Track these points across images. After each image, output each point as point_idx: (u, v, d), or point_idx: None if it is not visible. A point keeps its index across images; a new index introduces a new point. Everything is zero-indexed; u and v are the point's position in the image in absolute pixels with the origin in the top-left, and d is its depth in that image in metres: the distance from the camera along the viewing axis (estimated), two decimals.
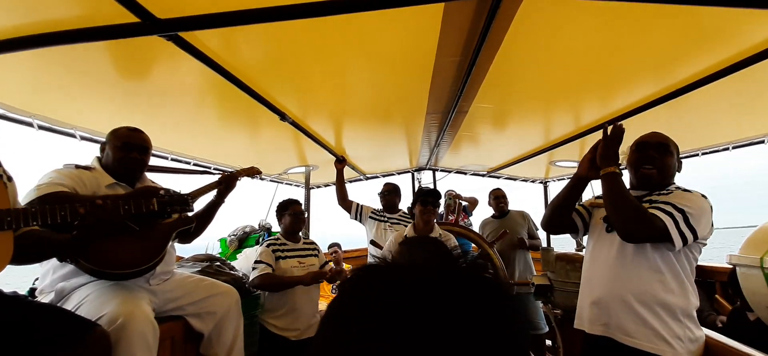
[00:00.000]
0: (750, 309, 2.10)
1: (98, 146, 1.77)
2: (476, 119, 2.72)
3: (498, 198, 3.75)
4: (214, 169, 3.22)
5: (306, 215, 2.75)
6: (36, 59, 1.53)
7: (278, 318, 2.33)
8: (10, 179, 1.21)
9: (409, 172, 5.00)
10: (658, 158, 1.45)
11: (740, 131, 2.70)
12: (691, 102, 2.00)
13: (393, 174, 4.99)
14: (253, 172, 2.21)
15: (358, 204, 3.25)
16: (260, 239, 3.27)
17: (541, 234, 3.77)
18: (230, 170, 2.14)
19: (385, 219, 3.16)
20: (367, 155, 4.03)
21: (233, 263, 2.85)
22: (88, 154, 1.79)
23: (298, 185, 4.69)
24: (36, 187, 1.36)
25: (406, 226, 3.06)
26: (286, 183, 4.50)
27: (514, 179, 5.08)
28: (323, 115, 2.66)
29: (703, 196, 1.35)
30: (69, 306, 1.39)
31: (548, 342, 3.45)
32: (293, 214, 2.51)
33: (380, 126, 3.02)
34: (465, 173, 5.02)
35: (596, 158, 1.48)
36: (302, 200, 3.91)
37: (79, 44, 1.38)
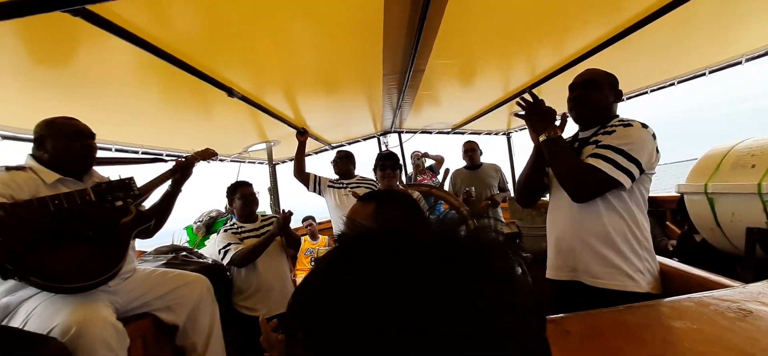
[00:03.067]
0: (696, 232, 2.27)
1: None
2: (435, 76, 2.69)
3: (468, 151, 3.79)
4: (167, 156, 3.05)
5: (259, 194, 2.66)
6: None
7: (247, 298, 2.31)
8: None
9: (374, 137, 4.96)
10: (585, 95, 1.46)
11: (683, 65, 2.82)
12: (637, 41, 2.04)
13: (359, 140, 4.94)
14: (208, 154, 2.10)
15: (315, 176, 3.19)
16: (228, 222, 3.18)
17: (512, 186, 3.88)
18: (185, 155, 2.02)
19: (343, 185, 3.13)
20: (329, 124, 3.94)
21: (202, 250, 2.77)
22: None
23: (261, 163, 4.55)
24: None
25: (368, 188, 3.06)
26: (249, 162, 4.36)
27: (479, 133, 5.15)
28: (276, 87, 2.55)
29: (644, 126, 1.35)
30: (16, 322, 1.29)
31: None
32: (242, 196, 2.46)
33: (338, 93, 2.94)
34: (430, 132, 5.04)
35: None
36: (268, 177, 3.82)
37: None
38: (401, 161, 2.62)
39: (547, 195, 1.66)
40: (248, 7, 1.48)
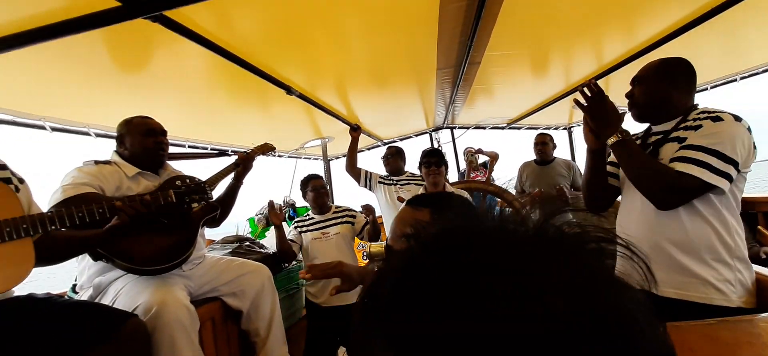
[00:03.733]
0: None
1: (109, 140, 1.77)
2: (491, 68, 2.60)
3: (539, 144, 3.48)
4: (232, 151, 3.25)
5: (327, 188, 2.75)
6: (34, 59, 1.52)
7: (311, 284, 2.42)
8: (21, 181, 1.24)
9: (426, 133, 4.92)
10: (635, 92, 1.33)
11: None
12: (722, 24, 1.81)
13: (410, 136, 4.93)
14: (266, 149, 2.21)
15: (366, 171, 3.22)
16: (286, 216, 3.33)
17: None
18: (246, 150, 2.14)
19: (394, 182, 3.13)
20: (381, 120, 3.97)
21: (263, 240, 2.93)
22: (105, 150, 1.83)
23: (316, 159, 4.70)
24: (61, 187, 1.39)
25: (418, 186, 3.03)
26: (305, 158, 4.52)
27: (536, 128, 4.91)
28: (331, 84, 2.61)
29: (737, 118, 1.17)
30: (106, 299, 1.46)
31: None
32: (313, 189, 2.54)
33: (391, 89, 2.94)
34: (484, 128, 4.89)
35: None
36: (322, 174, 3.93)
37: (76, 39, 1.37)
38: (449, 157, 2.55)
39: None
40: (305, 6, 1.53)
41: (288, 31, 1.75)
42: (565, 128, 4.97)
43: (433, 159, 2.45)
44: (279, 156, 4.07)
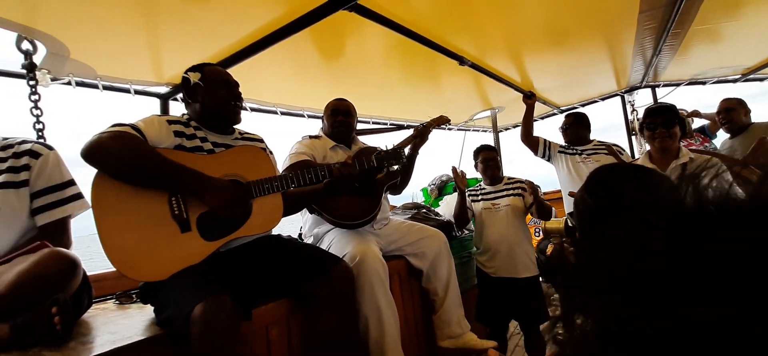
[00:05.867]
0: None
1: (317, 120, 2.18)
2: (719, 2, 2.01)
3: None
4: (408, 125, 3.51)
5: (498, 159, 2.68)
6: (267, 60, 1.96)
7: (480, 255, 2.44)
8: (271, 152, 1.65)
9: (617, 95, 4.18)
10: None
11: None
12: None
13: (595, 101, 4.29)
14: (442, 121, 2.29)
15: (545, 140, 2.94)
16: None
17: None
18: (421, 124, 2.28)
19: (578, 152, 2.76)
20: (558, 85, 3.58)
21: (436, 209, 3.09)
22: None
23: (485, 130, 4.62)
24: (288, 156, 1.84)
25: (608, 156, 2.61)
26: (473, 130, 4.49)
27: None
28: (503, 50, 2.49)
29: None
30: (323, 246, 1.82)
31: None
32: (483, 161, 2.52)
33: (571, 48, 2.62)
34: (703, 83, 3.83)
35: None
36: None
37: (293, 39, 1.71)
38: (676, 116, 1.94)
39: None
40: None
41: (458, 1, 1.76)
42: None
43: (658, 118, 1.89)
44: (449, 129, 4.17)
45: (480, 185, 2.57)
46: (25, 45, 1.64)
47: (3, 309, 0.99)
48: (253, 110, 2.60)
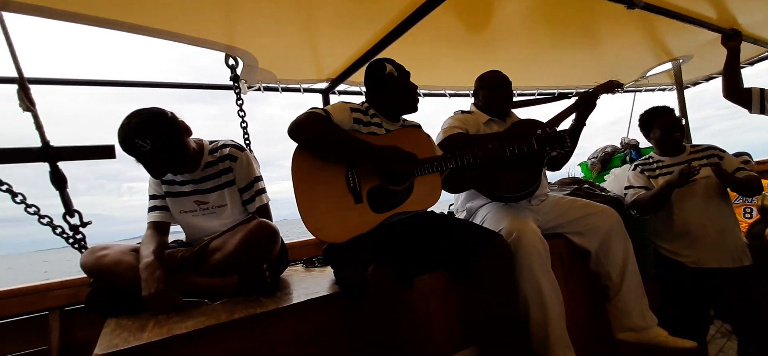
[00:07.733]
0: None
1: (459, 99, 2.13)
2: None
3: None
4: (564, 94, 3.16)
5: (682, 123, 2.16)
6: (410, 42, 1.99)
7: (668, 241, 2.03)
8: (429, 136, 1.70)
9: None
10: None
11: None
12: None
13: None
14: (612, 86, 1.97)
15: (760, 90, 2.22)
16: (627, 158, 2.91)
17: None
18: (585, 89, 2.00)
19: None
20: None
21: (602, 184, 2.71)
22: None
23: (662, 89, 3.81)
24: (442, 130, 1.86)
25: None
26: (646, 89, 3.75)
27: None
28: None
29: None
30: (477, 220, 1.78)
31: None
32: (661, 126, 2.07)
33: None
34: None
35: None
36: (675, 105, 3.14)
37: (434, 15, 1.69)
38: None
39: None
40: None
41: None
42: None
43: None
44: (622, 92, 3.59)
45: (652, 156, 2.15)
46: (231, 61, 2.08)
47: (232, 264, 1.32)
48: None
